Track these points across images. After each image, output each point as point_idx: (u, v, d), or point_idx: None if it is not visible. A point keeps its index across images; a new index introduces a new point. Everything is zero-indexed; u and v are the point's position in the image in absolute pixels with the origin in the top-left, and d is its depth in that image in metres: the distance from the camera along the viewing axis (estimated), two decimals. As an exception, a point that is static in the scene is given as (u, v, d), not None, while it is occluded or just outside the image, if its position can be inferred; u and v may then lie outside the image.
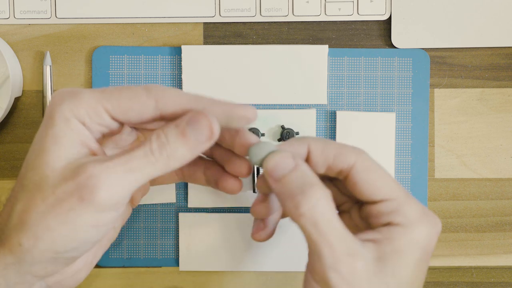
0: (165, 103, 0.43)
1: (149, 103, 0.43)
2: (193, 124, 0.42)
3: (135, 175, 0.41)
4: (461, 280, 0.65)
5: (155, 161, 0.42)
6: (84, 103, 0.43)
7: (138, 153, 0.42)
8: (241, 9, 0.64)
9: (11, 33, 0.64)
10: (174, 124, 0.43)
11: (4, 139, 0.64)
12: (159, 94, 0.43)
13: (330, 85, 0.64)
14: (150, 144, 0.42)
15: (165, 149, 0.42)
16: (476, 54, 0.64)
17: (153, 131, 0.44)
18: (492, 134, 0.64)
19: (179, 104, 0.43)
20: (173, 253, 0.64)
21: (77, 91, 0.43)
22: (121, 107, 0.43)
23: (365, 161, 0.45)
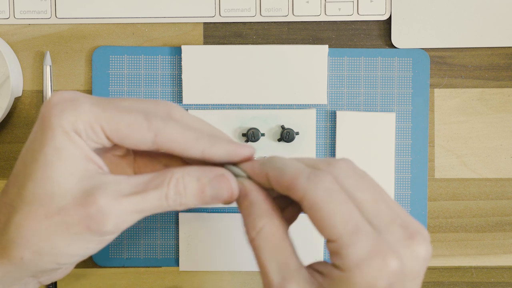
0: (164, 141, 0.42)
1: (147, 136, 0.42)
2: (215, 186, 0.42)
3: (144, 214, 0.42)
4: (461, 280, 0.65)
5: (167, 206, 0.42)
6: (83, 117, 0.41)
7: (152, 196, 0.41)
8: (241, 9, 0.64)
9: (11, 33, 0.64)
10: (196, 177, 0.42)
11: (4, 139, 0.64)
12: (160, 129, 0.42)
13: (330, 85, 0.64)
14: (167, 190, 0.41)
15: (179, 199, 0.42)
16: (476, 54, 0.64)
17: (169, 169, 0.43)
18: (492, 134, 0.64)
19: (178, 144, 0.42)
20: (173, 253, 0.64)
21: (76, 100, 0.42)
22: (118, 132, 0.42)
23: (313, 197, 0.40)
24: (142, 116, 0.42)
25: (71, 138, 0.41)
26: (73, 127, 0.41)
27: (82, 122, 0.41)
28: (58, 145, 0.41)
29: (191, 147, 0.42)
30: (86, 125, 0.42)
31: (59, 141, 0.41)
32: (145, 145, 0.42)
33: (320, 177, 0.40)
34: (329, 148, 0.64)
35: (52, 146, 0.41)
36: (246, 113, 0.63)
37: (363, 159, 0.63)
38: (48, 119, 0.41)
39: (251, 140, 0.63)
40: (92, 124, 0.42)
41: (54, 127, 0.41)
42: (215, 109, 0.64)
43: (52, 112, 0.42)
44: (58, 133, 0.41)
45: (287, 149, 0.63)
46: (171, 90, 0.64)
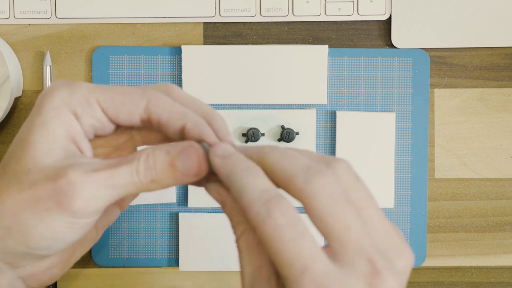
0: (154, 108, 0.43)
1: (140, 102, 0.43)
2: (184, 157, 0.42)
3: (115, 191, 0.41)
4: (461, 280, 0.65)
5: (138, 182, 0.41)
6: (77, 92, 0.42)
7: (123, 171, 0.41)
8: (241, 9, 0.64)
9: (11, 33, 0.64)
10: (165, 150, 0.42)
11: (4, 139, 0.64)
12: (152, 97, 0.43)
13: (330, 85, 0.64)
14: (138, 164, 0.41)
15: (150, 173, 0.42)
16: (476, 54, 0.64)
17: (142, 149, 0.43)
18: (492, 134, 0.64)
19: (166, 113, 0.43)
20: (173, 253, 0.64)
21: (72, 82, 0.43)
22: (113, 100, 0.43)
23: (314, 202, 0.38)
24: (137, 87, 0.44)
25: (60, 115, 0.42)
26: (65, 102, 0.42)
27: (75, 96, 0.42)
28: (43, 122, 0.42)
29: (175, 119, 0.43)
30: (81, 98, 0.42)
31: (46, 118, 0.42)
32: (138, 111, 0.43)
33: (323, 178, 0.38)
34: (329, 148, 0.64)
35: (38, 123, 0.42)
36: (246, 113, 0.63)
37: (363, 159, 0.63)
38: (41, 99, 0.42)
39: (251, 140, 0.63)
40: (86, 95, 0.42)
41: (45, 105, 0.42)
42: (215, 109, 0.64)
43: (47, 92, 0.43)
44: (48, 110, 0.42)
45: (287, 149, 0.63)
46: (171, 90, 0.64)
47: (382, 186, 0.64)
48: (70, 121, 0.42)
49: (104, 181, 0.41)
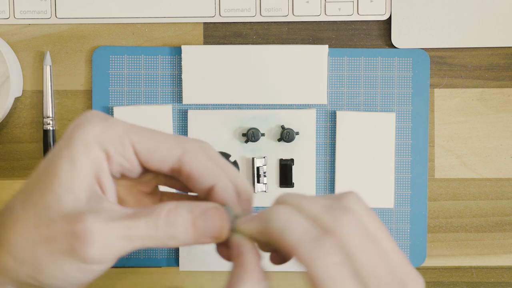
0: (190, 160, 0.42)
1: (175, 151, 0.42)
2: (206, 219, 0.41)
3: (131, 243, 0.40)
4: (461, 280, 0.65)
5: (156, 237, 0.41)
6: (112, 129, 0.41)
7: (142, 223, 0.40)
8: (241, 9, 0.64)
9: (11, 33, 0.64)
10: (188, 209, 0.41)
11: (4, 139, 0.64)
12: (188, 149, 0.42)
13: (330, 85, 0.64)
14: (158, 218, 0.40)
15: (170, 230, 0.41)
16: (476, 54, 0.64)
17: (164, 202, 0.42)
18: (492, 134, 0.64)
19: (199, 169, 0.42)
20: (173, 253, 0.64)
21: (108, 117, 0.42)
22: (148, 144, 0.42)
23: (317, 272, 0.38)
24: (172, 136, 0.42)
25: (89, 151, 0.41)
26: (97, 139, 0.41)
27: (110, 134, 0.41)
28: (71, 157, 0.40)
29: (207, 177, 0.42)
30: (115, 137, 0.41)
31: (74, 153, 0.40)
32: (171, 160, 0.42)
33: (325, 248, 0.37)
34: (329, 148, 0.64)
35: (65, 156, 0.41)
36: (246, 113, 0.63)
37: (363, 159, 0.63)
38: (73, 129, 0.41)
39: (251, 140, 0.63)
40: (121, 135, 0.41)
41: (75, 138, 0.41)
42: (215, 109, 0.64)
43: (79, 124, 0.41)
44: (77, 144, 0.41)
45: (287, 149, 0.63)
46: (171, 90, 0.64)
47: (382, 186, 0.64)
48: (99, 159, 0.41)
49: (121, 231, 0.40)
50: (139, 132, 0.42)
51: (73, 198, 0.40)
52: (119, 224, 0.40)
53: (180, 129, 0.64)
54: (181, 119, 0.64)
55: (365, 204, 0.40)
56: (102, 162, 0.41)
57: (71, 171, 0.40)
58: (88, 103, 0.64)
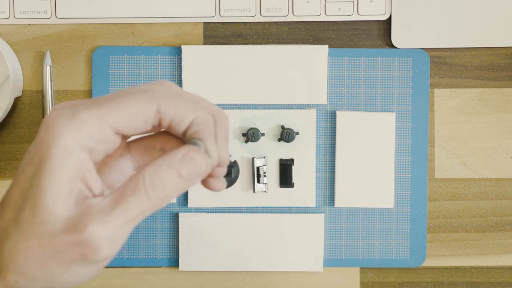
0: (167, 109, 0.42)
1: (150, 108, 0.42)
2: (188, 164, 0.41)
3: (133, 223, 0.41)
4: (461, 280, 0.65)
5: (151, 205, 0.41)
6: (86, 126, 0.40)
7: (134, 201, 0.40)
8: (241, 9, 0.64)
9: (11, 33, 0.64)
10: (167, 164, 0.41)
11: (4, 139, 0.64)
12: (162, 99, 0.42)
13: (330, 85, 0.64)
14: (145, 190, 0.41)
15: (161, 193, 0.41)
16: (476, 54, 0.64)
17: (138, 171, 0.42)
18: (492, 134, 0.64)
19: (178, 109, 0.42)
20: (173, 253, 0.64)
21: (75, 112, 0.41)
22: (124, 118, 0.41)
23: None
24: (140, 93, 0.42)
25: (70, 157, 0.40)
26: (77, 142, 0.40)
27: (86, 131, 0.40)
28: (53, 168, 0.40)
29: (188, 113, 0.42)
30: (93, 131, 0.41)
31: (55, 163, 0.40)
32: (150, 118, 0.42)
33: None
34: (329, 148, 0.64)
35: (48, 169, 0.40)
36: (246, 113, 0.63)
37: (363, 159, 0.63)
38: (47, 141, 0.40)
39: (251, 140, 0.63)
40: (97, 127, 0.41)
41: (53, 148, 0.40)
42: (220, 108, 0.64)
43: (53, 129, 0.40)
44: (57, 153, 0.40)
45: (287, 149, 0.63)
46: (171, 90, 0.64)
47: (382, 186, 0.64)
48: (81, 160, 0.41)
49: (120, 220, 0.40)
50: (113, 112, 0.41)
51: (63, 206, 0.40)
52: (114, 214, 0.40)
53: (180, 129, 0.64)
54: (181, 119, 0.64)
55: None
56: (85, 161, 0.41)
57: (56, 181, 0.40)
58: (88, 103, 0.64)
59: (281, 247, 0.64)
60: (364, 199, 0.64)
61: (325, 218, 0.64)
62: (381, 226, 0.64)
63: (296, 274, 0.64)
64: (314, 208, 0.64)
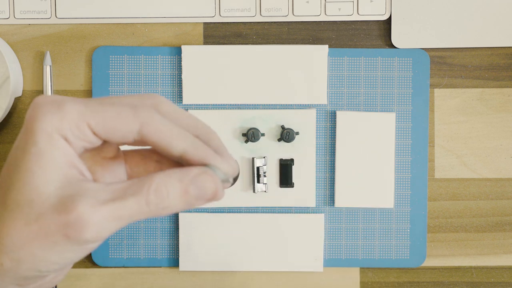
0: (149, 132, 0.42)
1: (133, 126, 0.42)
2: (199, 184, 0.42)
3: (123, 221, 0.41)
4: (461, 280, 0.65)
5: (148, 211, 0.41)
6: (66, 116, 0.41)
7: (131, 203, 0.40)
8: (241, 9, 0.64)
9: (11, 33, 0.64)
10: (178, 178, 0.41)
11: (4, 139, 0.64)
12: (146, 121, 0.42)
13: (330, 85, 0.64)
14: (147, 195, 0.41)
15: (162, 203, 0.41)
16: (476, 54, 0.64)
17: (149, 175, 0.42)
18: (492, 134, 0.64)
19: (162, 137, 0.42)
20: (173, 253, 0.64)
21: (59, 101, 0.41)
22: (104, 124, 0.41)
23: None
24: (127, 107, 0.42)
25: (54, 141, 0.41)
26: (57, 129, 0.41)
27: (67, 121, 0.41)
28: (39, 151, 0.40)
29: (174, 145, 0.42)
30: (71, 123, 0.41)
31: (41, 146, 0.40)
32: (131, 135, 0.42)
33: None
34: (329, 148, 0.64)
35: (34, 152, 0.40)
36: (246, 113, 0.63)
37: (363, 159, 0.63)
38: (31, 124, 0.41)
39: (251, 140, 0.63)
40: (77, 121, 0.41)
41: (36, 131, 0.41)
42: (215, 109, 0.64)
43: (35, 116, 0.41)
44: (41, 137, 0.40)
45: (287, 149, 0.63)
46: (171, 90, 0.64)
47: (382, 186, 0.64)
48: (64, 145, 0.41)
49: (112, 213, 0.40)
50: (94, 112, 0.41)
51: (53, 186, 0.40)
52: (108, 207, 0.40)
53: (180, 129, 0.64)
54: (181, 119, 0.64)
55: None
56: (69, 149, 0.41)
57: (44, 163, 0.40)
58: (88, 103, 0.64)
59: (281, 247, 0.64)
60: (364, 199, 0.64)
61: (325, 218, 0.64)
62: (381, 226, 0.64)
63: (296, 274, 0.64)
64: (314, 208, 0.64)
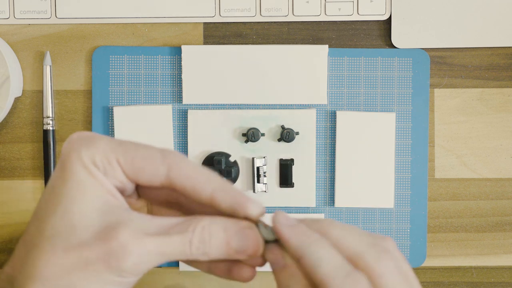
0: (177, 174, 0.42)
1: (161, 168, 0.42)
2: (241, 238, 0.41)
3: (164, 258, 0.40)
4: (461, 280, 0.65)
5: (190, 253, 0.41)
6: (100, 150, 0.41)
7: (175, 240, 0.40)
8: (241, 9, 0.64)
9: (11, 33, 0.64)
10: (223, 227, 0.41)
11: (4, 139, 0.64)
12: (174, 163, 0.42)
13: (330, 85, 0.64)
14: (192, 236, 0.40)
15: (203, 247, 0.41)
16: (476, 54, 0.64)
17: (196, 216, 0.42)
18: (492, 134, 0.64)
19: (190, 181, 0.42)
20: (173, 253, 0.64)
21: (93, 136, 0.42)
22: (134, 164, 0.41)
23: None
24: (157, 150, 0.42)
25: (91, 172, 0.41)
26: (91, 161, 0.41)
27: (99, 155, 0.41)
28: (79, 179, 0.40)
29: (202, 187, 0.42)
30: (103, 158, 0.41)
31: (80, 175, 0.41)
32: (158, 178, 0.42)
33: (391, 258, 0.40)
34: (329, 148, 0.64)
35: (74, 180, 0.41)
36: (246, 113, 0.63)
37: (363, 159, 0.63)
38: (68, 156, 0.41)
39: (251, 140, 0.63)
40: (108, 156, 0.41)
41: (74, 162, 0.41)
42: (215, 109, 0.64)
43: (71, 148, 0.41)
44: (79, 168, 0.41)
45: (287, 149, 0.63)
46: (171, 90, 0.64)
47: (382, 186, 0.64)
48: (101, 176, 0.41)
49: (155, 247, 0.40)
50: (124, 150, 0.42)
51: (97, 214, 0.40)
52: (153, 240, 0.40)
53: (180, 129, 0.64)
54: (181, 119, 0.64)
55: (400, 252, 0.42)
56: (104, 179, 0.41)
57: (85, 190, 0.40)
58: (88, 103, 0.64)
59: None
60: (364, 199, 0.64)
61: (325, 218, 0.64)
62: (381, 226, 0.64)
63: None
64: (314, 208, 0.64)
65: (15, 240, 0.65)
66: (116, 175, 0.42)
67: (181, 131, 0.64)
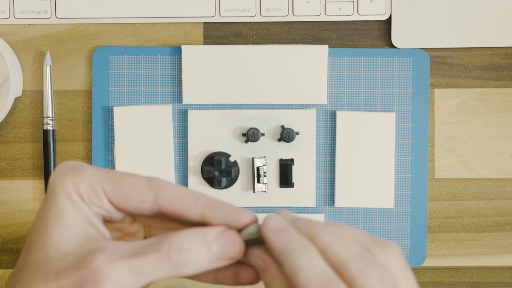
0: (165, 199, 0.42)
1: (148, 195, 0.42)
2: (222, 241, 0.41)
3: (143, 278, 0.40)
4: (461, 280, 0.65)
5: (170, 268, 0.40)
6: (84, 179, 0.41)
7: (151, 257, 0.40)
8: (241, 9, 0.64)
9: (11, 33, 0.64)
10: (201, 235, 0.41)
11: (4, 139, 0.64)
12: (160, 188, 0.42)
13: (330, 85, 0.64)
14: (169, 251, 0.40)
15: (184, 259, 0.40)
16: (476, 54, 0.64)
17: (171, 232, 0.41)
18: (492, 134, 0.64)
19: (179, 204, 0.42)
20: (173, 253, 0.64)
21: (80, 166, 0.42)
22: (120, 193, 0.42)
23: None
24: (143, 178, 0.42)
25: (73, 201, 0.41)
26: (75, 189, 0.41)
27: (84, 184, 0.41)
28: (59, 209, 0.41)
29: (192, 208, 0.42)
30: (88, 187, 0.41)
31: (61, 205, 0.41)
32: (146, 205, 0.42)
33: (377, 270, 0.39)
34: (329, 148, 0.64)
35: (54, 210, 0.41)
36: (246, 113, 0.63)
37: (363, 159, 0.63)
38: (53, 185, 0.42)
39: (251, 140, 0.63)
40: (94, 185, 0.41)
41: (57, 191, 0.41)
42: (215, 109, 0.64)
43: (57, 177, 0.42)
44: (60, 196, 0.41)
45: (287, 149, 0.63)
46: (171, 90, 0.64)
47: (382, 186, 0.64)
48: (82, 205, 0.41)
49: (130, 269, 0.39)
50: (110, 179, 0.42)
51: (72, 243, 0.40)
52: (126, 262, 0.40)
53: (180, 129, 0.64)
54: (181, 119, 0.64)
55: (404, 262, 0.40)
56: (87, 209, 0.42)
57: (64, 221, 0.41)
58: (88, 103, 0.64)
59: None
60: (364, 199, 0.64)
61: (325, 218, 0.64)
62: (381, 226, 0.64)
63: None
64: (314, 208, 0.64)
65: (15, 240, 0.65)
66: (101, 204, 0.42)
67: (181, 131, 0.64)
